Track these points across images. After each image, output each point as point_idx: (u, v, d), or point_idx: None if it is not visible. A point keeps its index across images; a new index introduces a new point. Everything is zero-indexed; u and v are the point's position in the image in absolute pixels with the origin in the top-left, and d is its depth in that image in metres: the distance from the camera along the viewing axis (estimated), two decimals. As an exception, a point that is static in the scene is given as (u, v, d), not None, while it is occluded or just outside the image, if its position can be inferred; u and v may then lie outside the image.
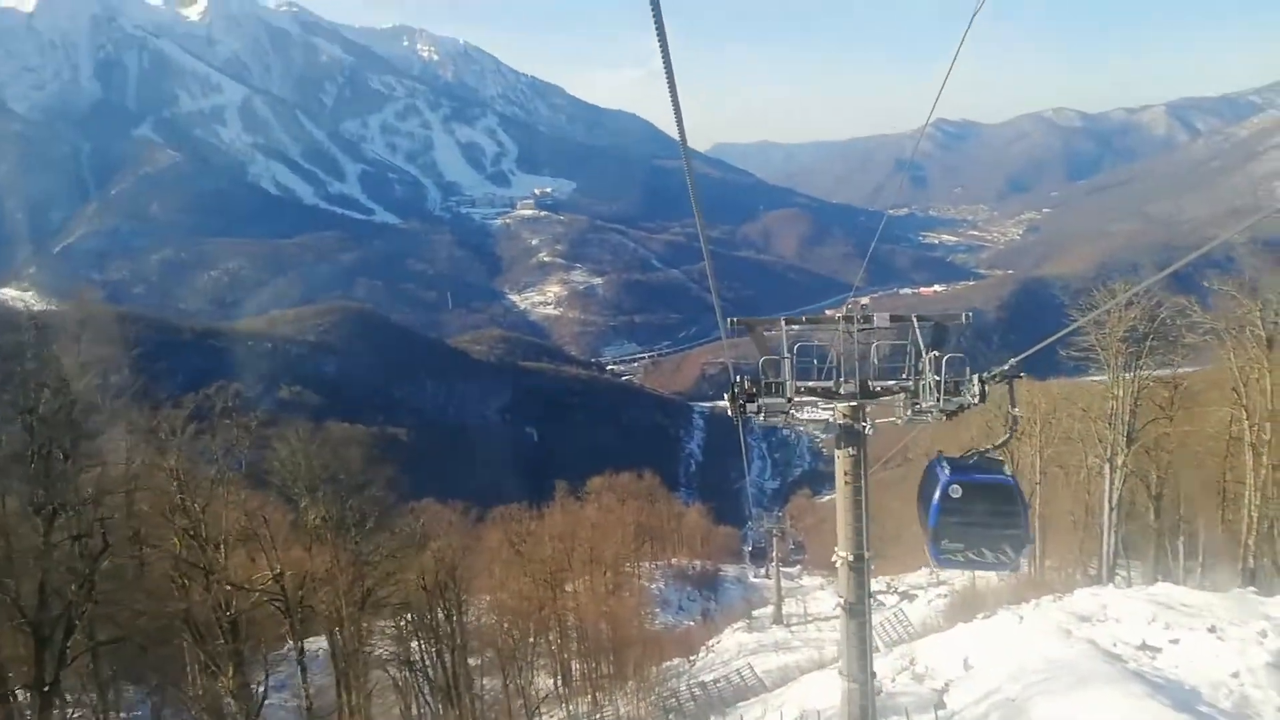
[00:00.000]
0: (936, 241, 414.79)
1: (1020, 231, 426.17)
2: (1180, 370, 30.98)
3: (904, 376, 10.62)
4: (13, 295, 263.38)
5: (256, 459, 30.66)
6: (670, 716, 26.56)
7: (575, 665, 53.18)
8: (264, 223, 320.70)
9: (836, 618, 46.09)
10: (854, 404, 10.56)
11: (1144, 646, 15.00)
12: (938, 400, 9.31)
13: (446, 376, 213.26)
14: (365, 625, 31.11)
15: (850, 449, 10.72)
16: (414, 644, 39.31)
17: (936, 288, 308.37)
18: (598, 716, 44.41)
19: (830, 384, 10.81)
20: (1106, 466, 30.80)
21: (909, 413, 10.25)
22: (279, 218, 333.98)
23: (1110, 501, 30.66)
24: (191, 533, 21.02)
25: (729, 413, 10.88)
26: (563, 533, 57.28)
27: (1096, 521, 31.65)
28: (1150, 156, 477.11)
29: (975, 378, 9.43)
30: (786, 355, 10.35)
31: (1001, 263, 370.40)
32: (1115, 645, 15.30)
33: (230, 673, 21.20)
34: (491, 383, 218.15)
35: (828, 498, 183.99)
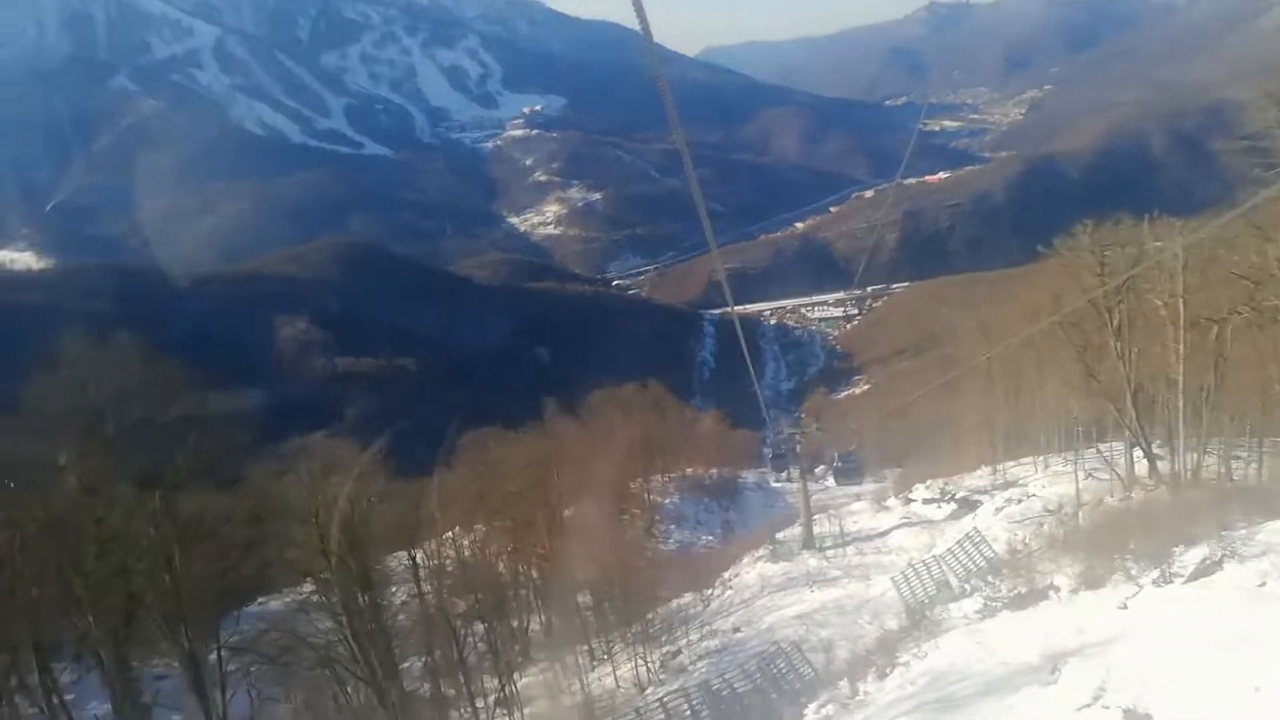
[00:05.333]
0: (938, 129, 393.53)
1: (1023, 111, 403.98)
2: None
3: None
4: (10, 257, 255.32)
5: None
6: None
7: (565, 609, 44.12)
8: (253, 164, 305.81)
9: (881, 536, 36.14)
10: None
11: None
12: None
13: (451, 304, 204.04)
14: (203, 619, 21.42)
15: None
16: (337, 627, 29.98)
17: (941, 175, 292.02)
18: (587, 678, 35.19)
19: None
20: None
21: None
22: (268, 158, 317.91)
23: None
24: None
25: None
26: (540, 458, 47.32)
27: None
28: (1150, 22, 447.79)
29: None
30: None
31: (1006, 144, 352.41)
32: None
33: None
34: (497, 307, 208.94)
35: (844, 394, 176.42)
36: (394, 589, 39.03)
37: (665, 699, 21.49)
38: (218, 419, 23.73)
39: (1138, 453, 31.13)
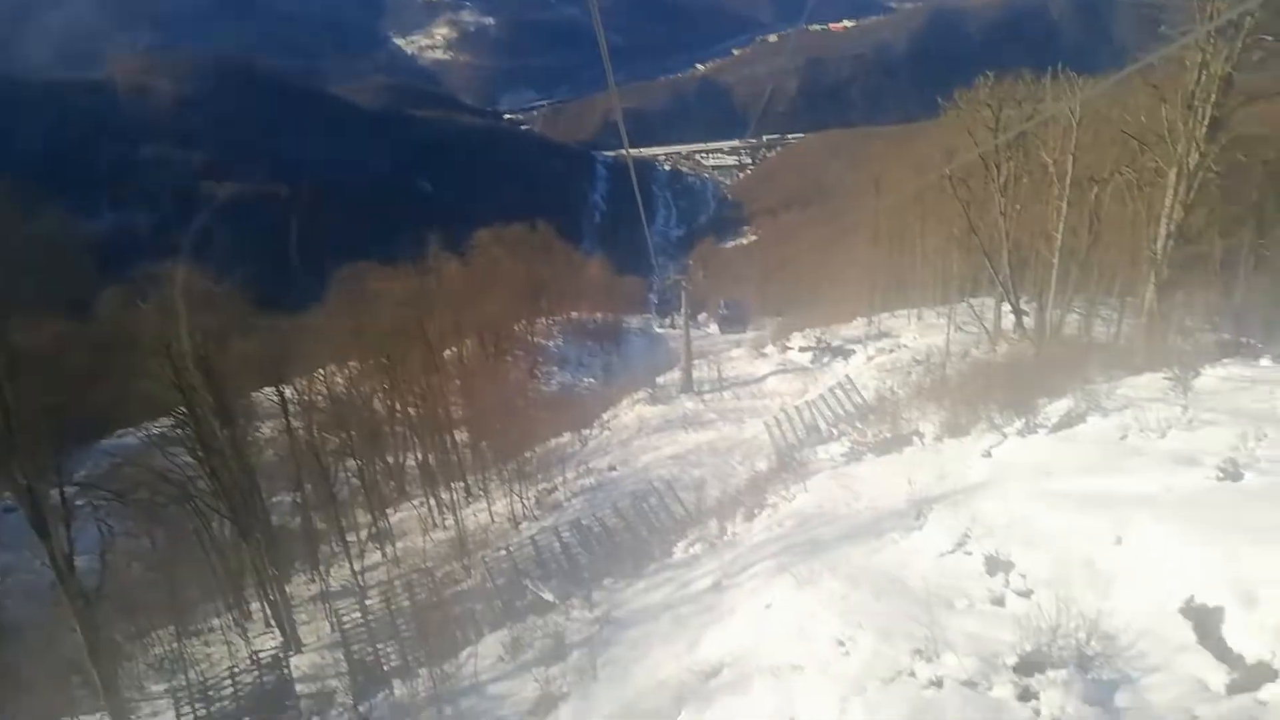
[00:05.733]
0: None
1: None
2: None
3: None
4: None
5: None
6: (527, 582, 16.31)
7: (446, 444, 43.82)
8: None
9: (757, 382, 36.75)
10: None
11: None
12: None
13: (329, 129, 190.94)
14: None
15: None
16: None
17: (846, 23, 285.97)
18: (462, 513, 35.28)
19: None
20: (1172, 173, 20.02)
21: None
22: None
23: (1169, 221, 20.16)
24: None
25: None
26: (420, 295, 45.59)
27: (1145, 253, 21.48)
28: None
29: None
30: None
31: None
32: None
33: None
34: (379, 134, 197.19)
35: (732, 244, 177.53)
36: (260, 424, 37.52)
37: (536, 536, 21.44)
38: (55, 242, 21.15)
39: (1005, 308, 32.17)
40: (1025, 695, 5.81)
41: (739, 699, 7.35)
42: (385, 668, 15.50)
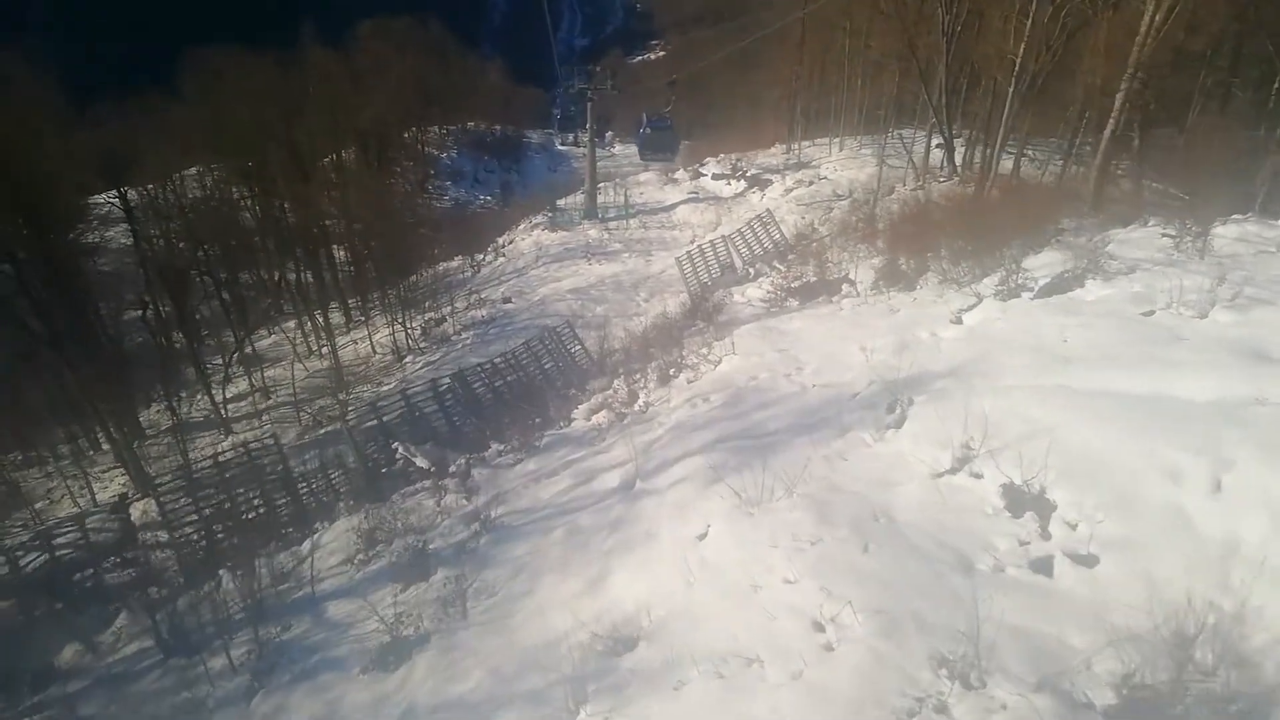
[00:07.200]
0: None
1: None
2: None
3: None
4: None
5: None
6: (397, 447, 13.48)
7: (323, 262, 39.72)
8: None
9: (666, 211, 33.68)
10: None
11: None
12: None
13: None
14: None
15: None
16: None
17: None
18: (338, 341, 31.97)
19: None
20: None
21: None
22: None
23: (1140, 50, 17.55)
24: None
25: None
26: (290, 89, 39.47)
27: (1104, 86, 18.86)
28: None
29: None
30: None
31: None
32: None
33: None
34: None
35: (640, 59, 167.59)
36: (100, 231, 32.63)
37: (415, 380, 18.63)
38: None
39: (935, 141, 29.65)
40: (1155, 791, 3.52)
41: (665, 707, 4.93)
42: (216, 548, 12.75)
